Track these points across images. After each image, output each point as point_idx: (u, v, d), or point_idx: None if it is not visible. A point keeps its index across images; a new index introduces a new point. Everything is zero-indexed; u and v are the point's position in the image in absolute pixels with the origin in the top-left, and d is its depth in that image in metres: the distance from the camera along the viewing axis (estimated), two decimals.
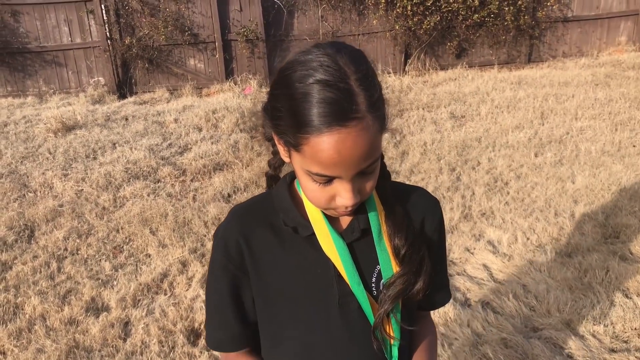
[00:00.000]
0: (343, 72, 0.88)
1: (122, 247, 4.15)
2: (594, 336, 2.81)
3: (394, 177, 1.19)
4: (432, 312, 1.32)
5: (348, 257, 1.06)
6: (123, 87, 9.13)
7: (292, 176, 1.14)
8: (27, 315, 3.28)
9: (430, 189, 4.79)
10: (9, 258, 3.97)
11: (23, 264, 3.89)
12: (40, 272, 3.79)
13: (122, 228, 4.41)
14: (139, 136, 6.68)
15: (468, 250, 3.80)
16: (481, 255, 3.69)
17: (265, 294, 1.11)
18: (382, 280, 1.08)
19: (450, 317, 3.00)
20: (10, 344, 3.00)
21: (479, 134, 6.24)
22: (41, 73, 9.06)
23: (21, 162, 5.98)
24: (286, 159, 1.02)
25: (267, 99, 0.99)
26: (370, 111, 0.89)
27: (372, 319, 1.08)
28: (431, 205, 1.18)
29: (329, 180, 0.94)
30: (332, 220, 1.08)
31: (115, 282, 3.65)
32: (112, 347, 2.99)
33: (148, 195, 5.05)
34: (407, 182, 4.93)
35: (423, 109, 7.36)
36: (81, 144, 6.44)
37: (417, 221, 1.14)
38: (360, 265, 1.08)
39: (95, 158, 6.04)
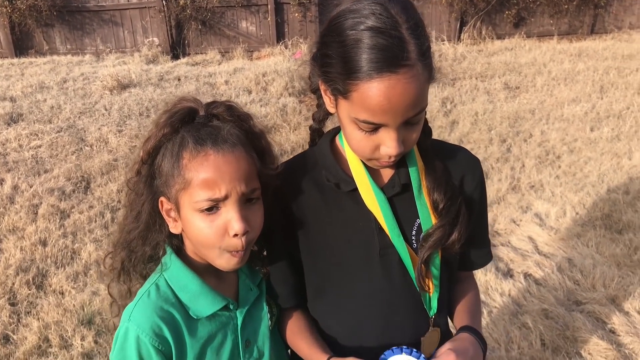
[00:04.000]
0: (394, 20, 0.89)
1: None
2: (639, 313, 2.75)
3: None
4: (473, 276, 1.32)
5: (389, 211, 1.08)
6: (176, 48, 9.27)
7: (335, 132, 1.15)
8: (83, 260, 3.46)
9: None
10: (67, 207, 4.18)
11: (80, 213, 4.09)
12: (96, 221, 3.98)
13: None
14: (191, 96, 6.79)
15: (514, 221, 3.75)
16: (527, 227, 3.64)
17: (310, 246, 1.14)
18: (422, 234, 1.09)
19: (491, 286, 3.00)
20: (68, 285, 3.19)
21: (533, 105, 6.06)
22: (99, 32, 9.29)
23: (79, 117, 6.20)
24: (332, 110, 1.03)
25: (316, 48, 1.00)
26: (420, 59, 0.90)
27: (411, 271, 1.10)
28: (471, 164, 1.17)
29: (375, 128, 0.94)
30: (374, 175, 1.09)
31: None
32: None
33: None
34: None
35: (476, 78, 7.18)
36: (135, 101, 6.61)
37: (457, 178, 1.13)
38: (400, 218, 1.09)
39: (148, 116, 6.20)
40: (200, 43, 9.36)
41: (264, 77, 7.37)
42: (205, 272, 1.10)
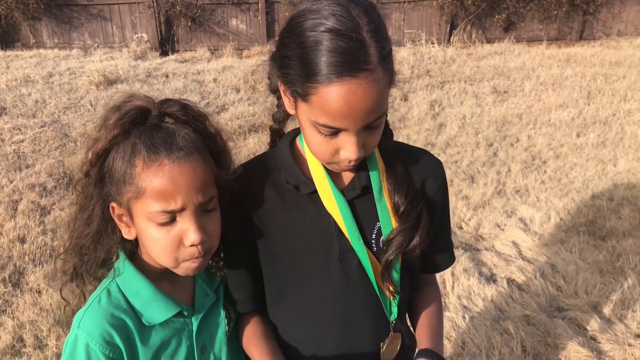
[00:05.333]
0: (356, 22, 0.87)
1: None
2: (620, 320, 2.75)
3: (429, 149, 1.16)
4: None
5: (349, 213, 1.06)
6: (165, 45, 9.20)
7: (296, 133, 1.13)
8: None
9: (465, 163, 4.71)
10: (48, 203, 4.11)
11: (61, 209, 4.02)
12: None
13: None
14: (178, 94, 6.74)
15: (498, 226, 3.74)
16: (511, 232, 3.63)
17: (269, 249, 1.12)
18: (382, 237, 1.08)
19: (474, 290, 2.98)
20: (45, 284, 3.13)
21: (520, 110, 6.07)
22: (87, 26, 9.19)
23: (64, 112, 6.13)
24: (291, 111, 1.01)
25: (276, 48, 0.98)
26: (381, 64, 0.88)
27: (371, 275, 1.08)
28: (433, 167, 1.16)
29: (335, 132, 0.92)
30: (334, 177, 1.07)
31: None
32: None
33: None
34: (442, 155, 4.86)
35: (465, 81, 7.19)
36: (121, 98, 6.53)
37: (418, 181, 1.12)
38: (360, 221, 1.08)
39: None
40: (189, 40, 9.29)
41: (252, 76, 7.32)
42: (160, 277, 1.07)
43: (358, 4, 0.90)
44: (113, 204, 1.00)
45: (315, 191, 1.06)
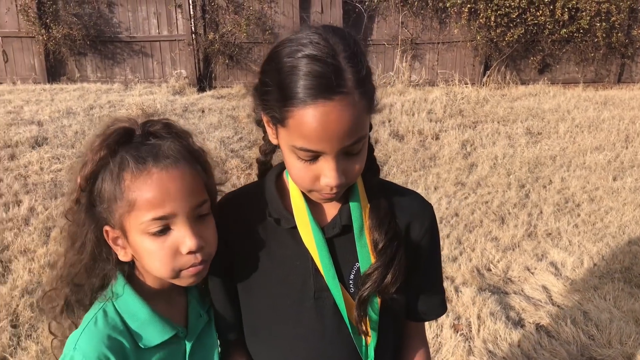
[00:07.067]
0: (332, 48, 0.89)
1: None
2: None
3: (459, 189, 1.14)
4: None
5: (326, 252, 1.04)
6: (203, 81, 9.45)
7: (282, 166, 1.13)
8: None
9: (495, 204, 4.63)
10: None
11: None
12: None
13: None
14: (213, 128, 6.88)
15: (528, 269, 3.64)
16: (542, 276, 3.53)
17: (246, 281, 1.11)
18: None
19: (500, 335, 2.89)
20: None
21: (554, 152, 5.97)
22: (129, 62, 9.53)
23: None
24: (274, 140, 1.02)
25: (258, 78, 1.00)
26: (357, 88, 0.89)
27: (345, 316, 1.05)
28: (421, 210, 1.13)
29: (314, 157, 0.93)
30: (316, 214, 1.07)
31: None
32: None
33: None
34: (472, 195, 4.80)
35: (498, 122, 7.14)
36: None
37: (403, 223, 1.10)
38: (339, 261, 1.06)
39: None
40: (226, 77, 9.52)
41: None
42: (155, 297, 1.06)
43: (336, 33, 0.92)
44: (106, 228, 1.00)
45: (296, 226, 1.05)
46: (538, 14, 8.60)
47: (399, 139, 6.52)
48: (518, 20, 8.69)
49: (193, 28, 9.23)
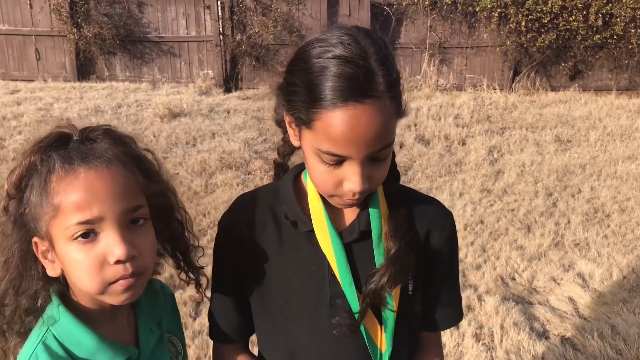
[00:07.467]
0: (363, 50, 0.86)
1: (206, 230, 4.29)
2: None
3: (485, 196, 1.11)
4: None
5: (343, 257, 1.01)
6: (229, 82, 9.50)
7: (301, 168, 1.10)
8: None
9: (522, 212, 4.53)
10: None
11: None
12: None
13: (208, 213, 4.57)
14: (237, 129, 6.91)
15: (554, 280, 3.54)
16: (568, 287, 3.43)
17: (260, 285, 1.08)
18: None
19: (523, 346, 2.81)
20: None
21: (584, 160, 5.83)
22: (157, 62, 9.64)
23: None
24: (296, 142, 0.99)
25: (282, 77, 0.97)
26: (387, 92, 0.87)
27: (362, 324, 1.02)
28: (441, 218, 1.10)
29: (339, 161, 0.90)
30: (334, 218, 1.03)
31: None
32: (182, 323, 3.09)
33: (237, 185, 5.20)
34: (498, 202, 4.70)
35: (526, 129, 7.01)
36: (183, 130, 6.76)
37: (423, 231, 1.07)
38: (356, 267, 1.02)
39: (194, 145, 6.32)
40: (252, 78, 9.56)
41: None
42: (98, 318, 0.94)
43: (367, 34, 0.89)
44: (35, 239, 0.89)
45: (313, 230, 1.02)
46: (571, 19, 8.43)
47: (425, 143, 6.45)
48: (550, 25, 8.53)
49: (221, 29, 9.29)
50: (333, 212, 1.03)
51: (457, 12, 8.96)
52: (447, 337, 2.91)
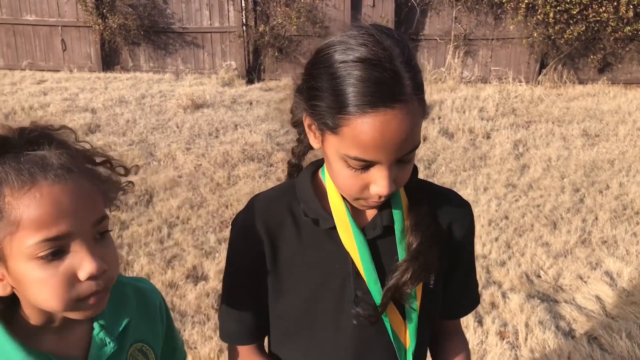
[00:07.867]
0: (388, 52, 0.84)
1: (229, 222, 4.31)
2: None
3: (509, 191, 1.10)
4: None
5: (367, 254, 1.00)
6: (252, 73, 9.50)
7: (316, 165, 1.08)
8: (134, 273, 3.51)
9: (548, 208, 4.46)
10: (128, 218, 4.28)
11: (138, 225, 4.17)
12: (152, 235, 4.04)
13: (231, 204, 4.59)
14: (260, 121, 6.91)
15: (581, 278, 3.48)
16: (595, 285, 3.36)
17: (280, 286, 1.06)
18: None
19: (549, 345, 2.77)
20: None
21: (612, 155, 5.71)
22: (180, 52, 9.69)
23: (151, 132, 6.43)
24: (316, 145, 0.97)
25: (302, 80, 0.94)
26: (415, 94, 0.85)
27: (387, 321, 1.02)
28: (462, 209, 1.11)
29: (366, 166, 0.88)
30: (355, 214, 1.02)
31: (217, 254, 3.80)
32: (204, 315, 3.11)
33: (260, 177, 5.21)
34: (524, 197, 4.63)
35: (553, 122, 6.88)
36: (206, 122, 6.79)
37: (445, 223, 1.07)
38: (382, 263, 1.01)
39: (217, 136, 6.34)
40: (275, 69, 9.55)
41: None
42: (41, 331, 0.87)
43: (389, 35, 0.87)
44: None
45: (335, 227, 1.01)
46: (601, 10, 8.23)
47: (449, 136, 6.38)
48: (579, 16, 8.33)
49: (244, 20, 9.28)
50: (354, 209, 1.02)
51: (483, 3, 8.81)
52: (471, 334, 2.87)
